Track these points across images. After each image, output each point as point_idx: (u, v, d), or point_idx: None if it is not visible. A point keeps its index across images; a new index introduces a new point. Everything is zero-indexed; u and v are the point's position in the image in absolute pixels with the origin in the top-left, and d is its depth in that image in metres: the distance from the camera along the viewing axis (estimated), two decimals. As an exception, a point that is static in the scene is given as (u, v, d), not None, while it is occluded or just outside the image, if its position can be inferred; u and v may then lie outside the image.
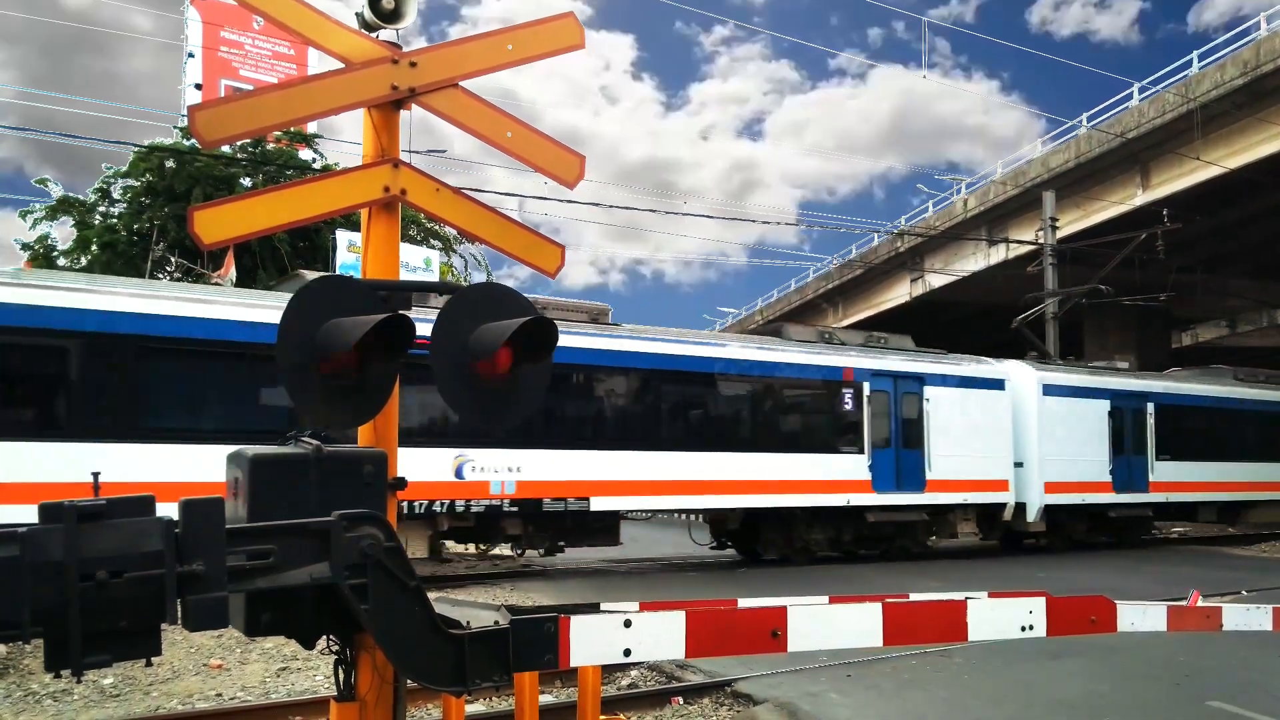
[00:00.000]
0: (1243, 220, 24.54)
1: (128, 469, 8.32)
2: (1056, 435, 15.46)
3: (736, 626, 2.66)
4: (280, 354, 2.56)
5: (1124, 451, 16.38)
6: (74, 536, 1.92)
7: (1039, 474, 15.17)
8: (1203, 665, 6.60)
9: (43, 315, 8.69)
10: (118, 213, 18.64)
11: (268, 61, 30.99)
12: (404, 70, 2.90)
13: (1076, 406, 15.88)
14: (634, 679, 6.52)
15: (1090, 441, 15.94)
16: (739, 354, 13.13)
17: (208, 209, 2.70)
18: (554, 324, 2.74)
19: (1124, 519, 16.57)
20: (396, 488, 2.68)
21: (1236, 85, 19.12)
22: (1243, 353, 36.40)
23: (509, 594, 10.17)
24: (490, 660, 2.39)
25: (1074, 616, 3.09)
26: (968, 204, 27.66)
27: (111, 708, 5.83)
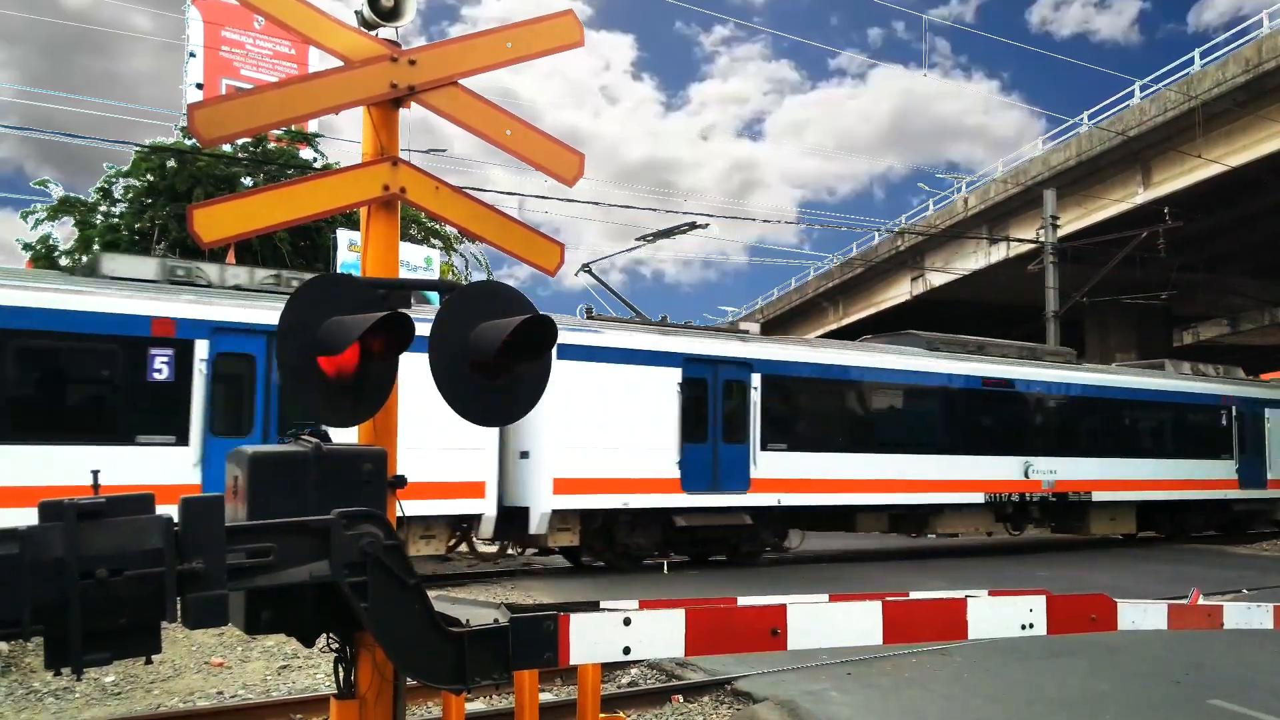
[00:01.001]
0: (1244, 218, 24.52)
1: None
2: (581, 416, 11.08)
3: (736, 624, 2.66)
4: (280, 352, 2.57)
5: (702, 439, 12.04)
6: (74, 534, 1.92)
7: (549, 468, 10.91)
8: (1203, 663, 6.60)
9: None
10: (119, 212, 18.66)
11: (269, 61, 30.98)
12: (403, 68, 2.90)
13: (625, 376, 11.51)
14: (634, 677, 6.53)
15: (647, 424, 11.58)
16: None
17: (207, 207, 2.70)
18: (553, 322, 2.74)
19: (698, 527, 11.93)
20: (396, 486, 2.68)
21: (1238, 83, 19.09)
22: (1244, 351, 36.39)
23: (509, 592, 10.17)
24: (490, 658, 2.39)
25: (1074, 615, 3.09)
26: (968, 202, 27.64)
27: (113, 705, 5.84)
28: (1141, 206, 22.06)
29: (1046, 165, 24.29)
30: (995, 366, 15.45)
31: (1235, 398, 18.12)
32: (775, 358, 12.97)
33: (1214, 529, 18.32)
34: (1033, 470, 15.03)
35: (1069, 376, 16.26)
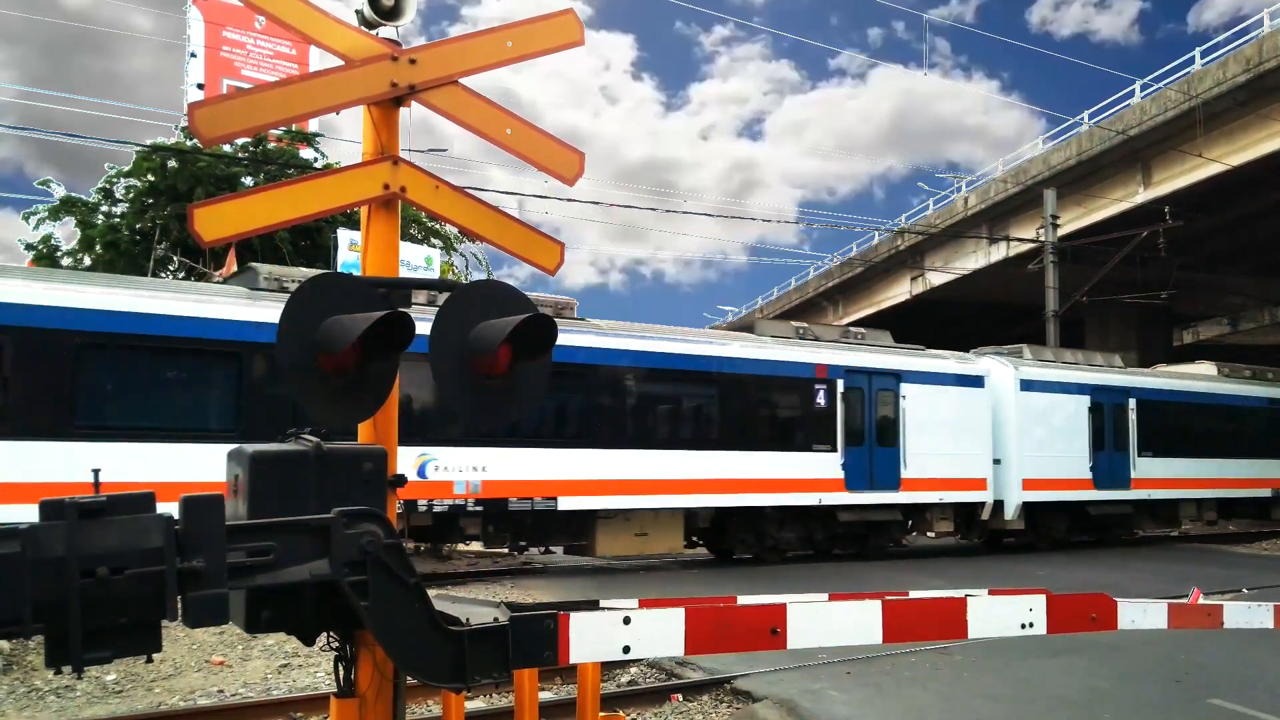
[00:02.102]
0: (1245, 218, 24.50)
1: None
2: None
3: (736, 624, 2.66)
4: (281, 351, 2.57)
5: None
6: (75, 533, 1.93)
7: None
8: (1203, 663, 6.60)
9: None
10: (120, 212, 18.68)
11: (269, 61, 30.99)
12: (404, 67, 2.91)
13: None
14: (634, 676, 6.53)
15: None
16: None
17: (207, 206, 2.70)
18: (554, 321, 2.74)
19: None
20: (396, 485, 2.69)
21: (1239, 82, 19.07)
22: (1244, 350, 36.37)
23: (509, 591, 10.18)
24: (490, 657, 2.39)
25: (1074, 614, 3.09)
26: (968, 202, 27.62)
27: (114, 704, 5.85)
28: (1142, 206, 22.04)
29: (1047, 164, 24.26)
30: None
31: (842, 369, 13.73)
32: None
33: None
34: None
35: None
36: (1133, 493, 16.58)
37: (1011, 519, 15.07)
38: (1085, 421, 16.03)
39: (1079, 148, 23.28)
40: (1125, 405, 16.70)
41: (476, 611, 2.61)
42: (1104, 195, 23.30)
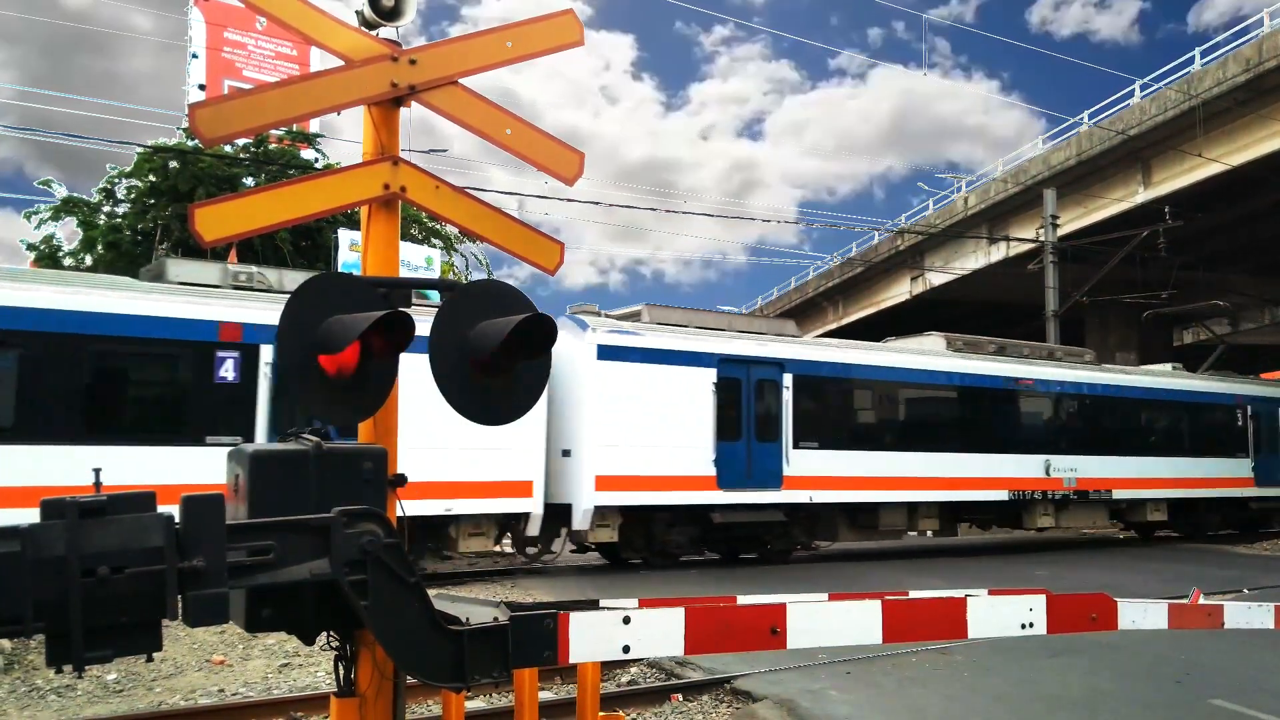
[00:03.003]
0: (1245, 217, 24.51)
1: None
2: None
3: (735, 623, 2.66)
4: (281, 350, 2.57)
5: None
6: (75, 532, 1.93)
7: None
8: (1204, 663, 6.60)
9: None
10: (122, 213, 18.69)
11: (270, 62, 31.01)
12: (404, 68, 2.91)
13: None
14: (634, 676, 6.53)
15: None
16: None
17: (208, 206, 2.71)
18: (553, 321, 2.74)
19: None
20: (397, 484, 2.69)
21: (1239, 82, 19.08)
22: (1244, 350, 36.34)
23: (509, 591, 10.18)
24: (490, 656, 2.39)
25: (1074, 614, 3.09)
26: (968, 202, 27.62)
27: (115, 703, 5.85)
28: (1142, 206, 22.05)
29: (1046, 164, 24.27)
30: None
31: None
32: None
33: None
34: None
35: None
36: (783, 494, 12.35)
37: (584, 527, 11.24)
38: (709, 402, 11.84)
39: (1079, 148, 23.28)
40: (779, 382, 12.52)
41: (476, 611, 2.61)
42: (1104, 195, 23.31)
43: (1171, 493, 16.80)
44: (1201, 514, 17.65)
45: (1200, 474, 17.18)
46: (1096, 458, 15.80)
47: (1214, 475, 17.44)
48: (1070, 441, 15.62)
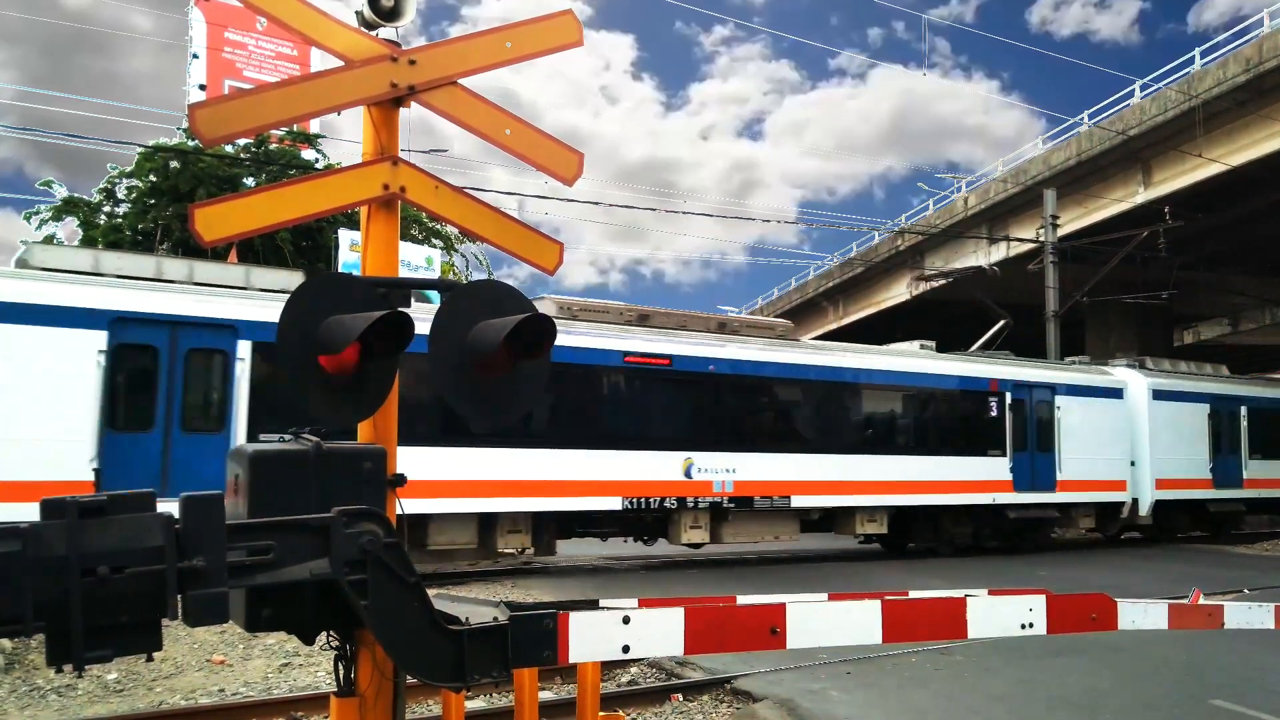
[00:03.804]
0: (1245, 217, 24.48)
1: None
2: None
3: (735, 623, 2.67)
4: (281, 350, 2.57)
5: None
6: (76, 532, 1.93)
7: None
8: (1204, 663, 6.59)
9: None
10: (122, 213, 18.70)
11: (271, 62, 31.03)
12: (403, 68, 2.91)
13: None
14: (634, 676, 6.53)
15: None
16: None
17: (208, 206, 2.71)
18: (552, 321, 2.74)
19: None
20: (396, 484, 2.69)
21: (1239, 82, 19.07)
22: (1244, 351, 36.36)
23: (509, 590, 10.18)
24: (489, 656, 2.39)
25: (1074, 614, 3.09)
26: (968, 202, 27.62)
27: (115, 703, 5.86)
28: (1142, 206, 22.04)
29: (1046, 165, 24.27)
30: None
31: None
32: None
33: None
34: None
35: None
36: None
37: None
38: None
39: (1079, 148, 23.28)
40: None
41: (476, 611, 2.61)
42: (1104, 195, 23.30)
43: (891, 499, 13.43)
44: (947, 524, 14.45)
45: (938, 476, 13.89)
46: (769, 455, 12.44)
47: (957, 478, 14.10)
48: (727, 436, 12.22)
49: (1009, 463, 14.88)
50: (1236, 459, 17.90)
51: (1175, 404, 17.13)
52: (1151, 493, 16.42)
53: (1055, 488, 15.34)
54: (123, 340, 8.94)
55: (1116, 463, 16.17)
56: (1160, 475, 16.51)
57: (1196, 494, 17.20)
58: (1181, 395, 17.31)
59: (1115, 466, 16.16)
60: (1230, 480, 17.68)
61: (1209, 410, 17.57)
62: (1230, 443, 17.82)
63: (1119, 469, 16.19)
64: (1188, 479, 17.07)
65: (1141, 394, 16.66)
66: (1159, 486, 16.56)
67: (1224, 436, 17.70)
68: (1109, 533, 17.34)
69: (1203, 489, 17.24)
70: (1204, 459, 17.34)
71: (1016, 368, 15.59)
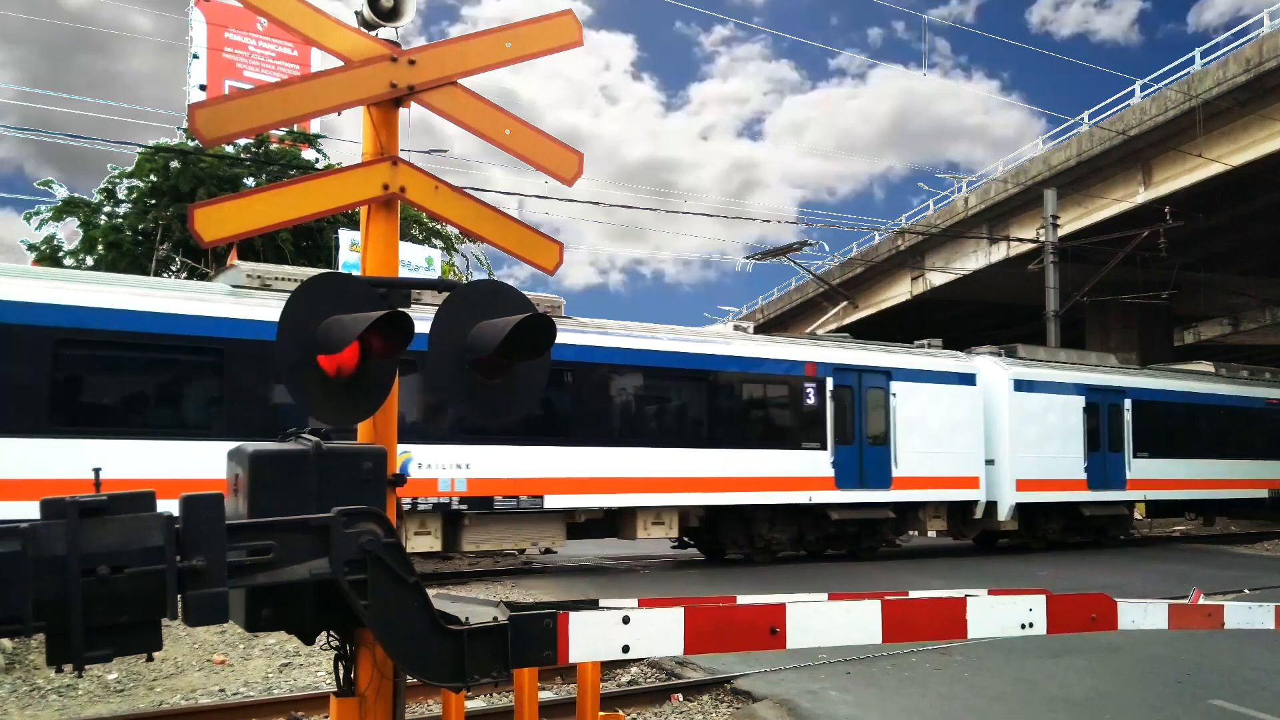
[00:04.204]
0: (1245, 217, 24.49)
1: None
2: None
3: (735, 623, 2.67)
4: (280, 350, 2.57)
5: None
6: (76, 531, 1.93)
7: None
8: (1204, 663, 6.59)
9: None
10: (123, 213, 18.72)
11: (271, 62, 31.06)
12: (403, 68, 2.91)
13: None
14: (634, 676, 6.53)
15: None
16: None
17: (207, 207, 2.71)
18: (552, 321, 2.74)
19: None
20: (396, 484, 2.69)
21: (1239, 82, 19.07)
22: (1245, 351, 36.36)
23: (509, 590, 10.18)
24: (489, 656, 2.40)
25: (1074, 614, 3.09)
26: (969, 202, 27.62)
27: (115, 702, 5.86)
28: (1142, 206, 22.04)
29: (1047, 165, 24.27)
30: None
31: None
32: None
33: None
34: None
35: None
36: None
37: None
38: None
39: (1079, 148, 23.28)
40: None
41: (476, 611, 2.61)
42: (1104, 195, 23.30)
43: (681, 498, 11.81)
44: (760, 527, 12.76)
45: (741, 472, 12.23)
46: (515, 449, 10.75)
47: (765, 474, 12.39)
48: (457, 426, 10.45)
49: (830, 457, 12.98)
50: (1119, 457, 15.96)
51: (1042, 395, 15.02)
52: (1012, 494, 14.48)
53: (890, 485, 13.41)
54: None
55: (968, 458, 14.10)
56: (1022, 475, 14.56)
57: (1067, 496, 15.20)
58: (1050, 386, 15.19)
59: (967, 462, 14.10)
60: (1111, 481, 15.77)
61: (1084, 403, 15.46)
62: (1112, 439, 15.90)
63: (971, 465, 14.13)
64: (1057, 479, 14.98)
65: (1000, 384, 14.67)
66: (1020, 488, 14.57)
67: (1103, 432, 15.75)
68: (968, 537, 15.37)
69: (1075, 490, 15.24)
70: (1078, 457, 15.27)
71: (842, 350, 13.69)
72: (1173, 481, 16.74)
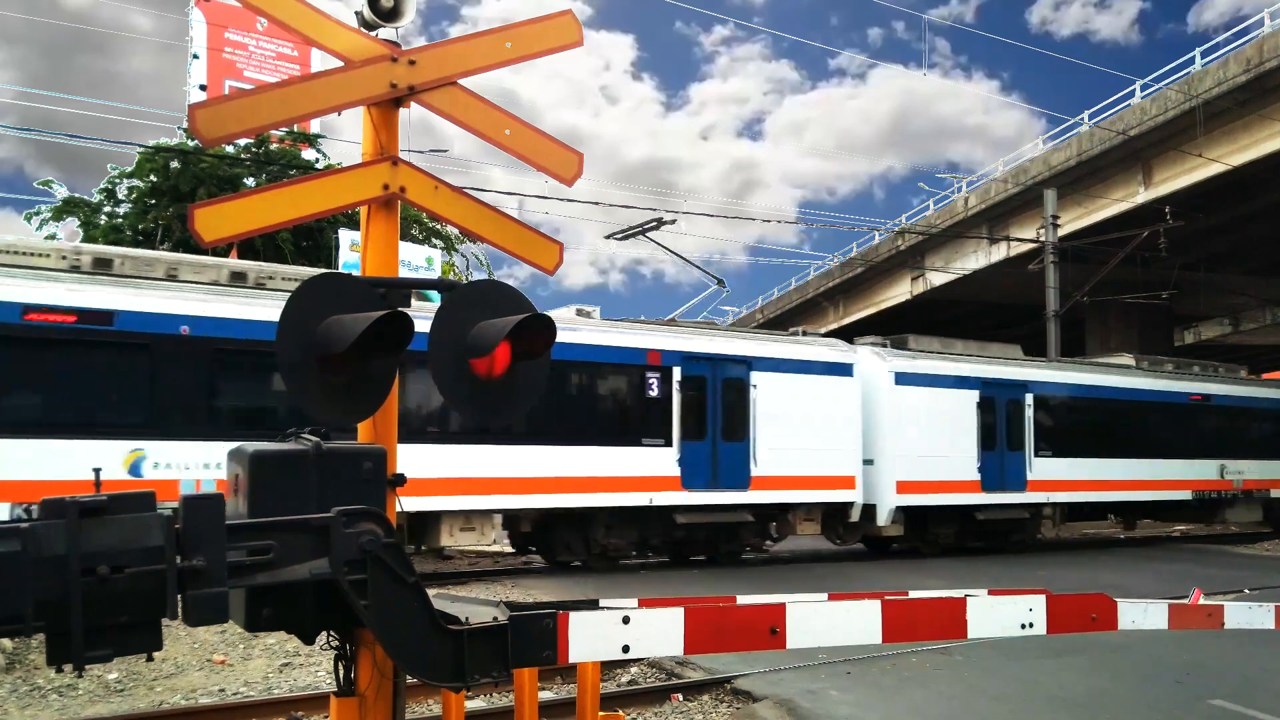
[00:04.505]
0: (1246, 217, 24.49)
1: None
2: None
3: (735, 623, 2.67)
4: (280, 350, 2.58)
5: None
6: (76, 531, 1.93)
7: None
8: (1204, 663, 6.59)
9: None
10: (123, 213, 18.74)
11: (271, 62, 31.07)
12: (403, 68, 2.92)
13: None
14: (634, 676, 6.54)
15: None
16: None
17: (207, 207, 2.71)
18: (552, 320, 2.74)
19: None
20: (396, 484, 2.69)
21: (1239, 82, 19.07)
22: (1245, 350, 36.35)
23: (509, 590, 10.18)
24: (489, 656, 2.40)
25: (1074, 614, 3.09)
26: (969, 202, 27.63)
27: (116, 702, 5.86)
28: (1142, 206, 22.04)
29: (1047, 165, 24.27)
30: None
31: None
32: None
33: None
34: None
35: None
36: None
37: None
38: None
39: (1079, 148, 23.29)
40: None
41: (476, 611, 2.61)
42: (1104, 195, 23.30)
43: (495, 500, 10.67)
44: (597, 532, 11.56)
45: (568, 471, 11.07)
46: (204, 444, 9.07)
47: (597, 473, 11.24)
48: (208, 419, 9.39)
49: (676, 454, 11.74)
50: (1019, 457, 14.57)
51: (929, 390, 13.74)
52: (892, 496, 13.19)
53: (748, 485, 12.09)
54: None
55: (843, 456, 12.81)
56: (905, 476, 13.26)
57: (958, 499, 13.86)
58: (938, 379, 13.91)
59: (841, 460, 12.79)
60: (1009, 482, 14.38)
61: (979, 398, 14.13)
62: (1011, 437, 14.53)
63: (846, 464, 12.82)
64: (946, 480, 13.63)
65: (880, 377, 13.42)
66: (903, 489, 13.26)
67: (1001, 429, 14.38)
68: (849, 542, 14.05)
69: (968, 493, 13.90)
70: (971, 456, 13.93)
71: (693, 337, 12.32)
72: (1082, 483, 15.24)
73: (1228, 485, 17.55)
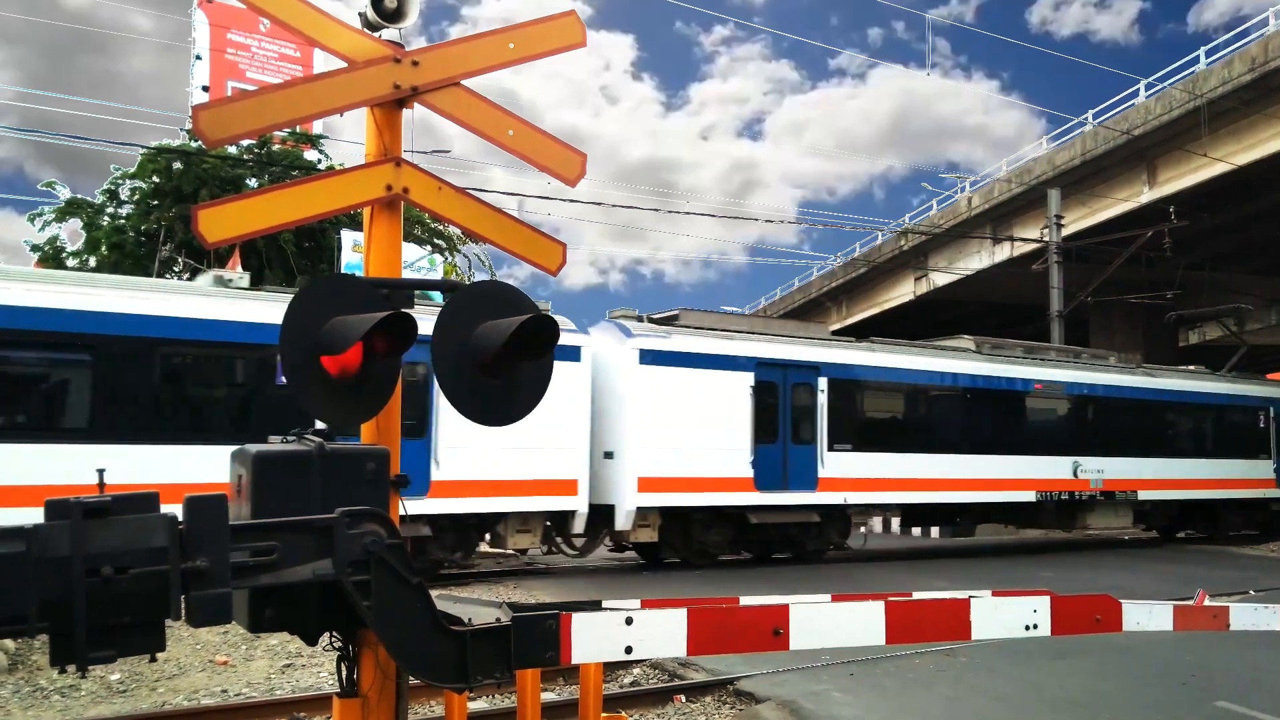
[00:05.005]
0: (1250, 217, 24.43)
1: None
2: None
3: (738, 624, 2.66)
4: (283, 352, 2.58)
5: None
6: (79, 532, 1.94)
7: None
8: (1210, 665, 6.57)
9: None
10: (126, 214, 18.78)
11: (274, 63, 31.11)
12: (406, 69, 2.92)
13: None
14: (636, 677, 6.53)
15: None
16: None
17: (210, 208, 2.72)
18: (555, 321, 2.74)
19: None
20: (399, 485, 2.69)
21: (1244, 81, 19.02)
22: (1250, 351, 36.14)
23: (512, 591, 10.18)
24: (492, 657, 2.39)
25: (1079, 616, 3.08)
26: (972, 202, 27.59)
27: (119, 703, 5.87)
28: (1147, 206, 21.99)
29: (1051, 164, 24.23)
30: None
31: None
32: None
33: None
34: None
35: None
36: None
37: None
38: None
39: (1083, 147, 23.24)
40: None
41: (479, 611, 2.61)
42: (1108, 195, 23.25)
43: None
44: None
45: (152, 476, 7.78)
46: None
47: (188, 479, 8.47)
48: None
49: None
50: (808, 451, 12.31)
51: (685, 371, 11.48)
52: (633, 496, 10.96)
53: (427, 492, 9.87)
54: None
55: (563, 455, 10.71)
56: (648, 472, 11.02)
57: (724, 499, 11.67)
58: (699, 359, 11.63)
59: (561, 460, 10.70)
60: (794, 480, 12.15)
61: (754, 381, 11.92)
62: (798, 428, 12.33)
63: (568, 464, 10.74)
64: (708, 477, 11.49)
65: (623, 357, 11.23)
66: (646, 487, 11.01)
67: (784, 419, 12.19)
68: (583, 554, 11.92)
69: (736, 492, 11.71)
70: (743, 450, 11.72)
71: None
72: (891, 482, 12.88)
73: (1083, 485, 14.89)
